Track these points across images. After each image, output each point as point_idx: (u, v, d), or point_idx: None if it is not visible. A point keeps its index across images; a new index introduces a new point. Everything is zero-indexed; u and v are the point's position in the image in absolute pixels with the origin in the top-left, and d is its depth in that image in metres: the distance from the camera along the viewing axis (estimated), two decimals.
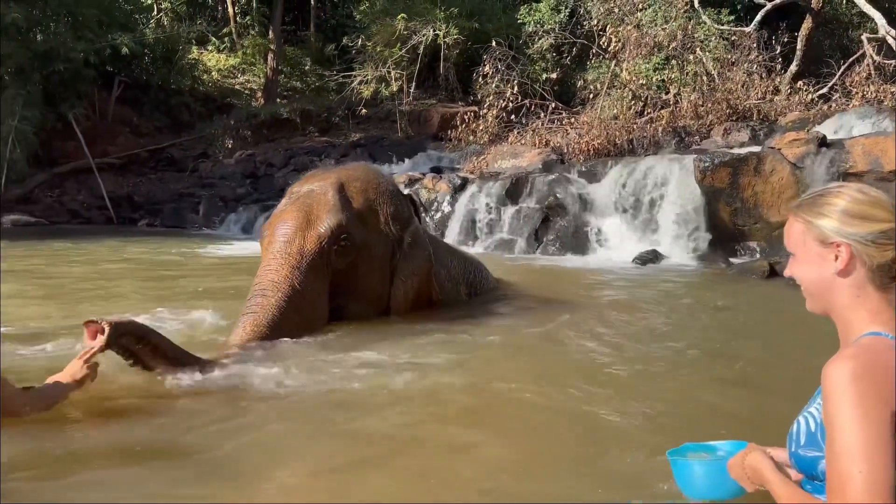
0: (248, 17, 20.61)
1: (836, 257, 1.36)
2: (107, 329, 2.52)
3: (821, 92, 11.79)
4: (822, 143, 8.14)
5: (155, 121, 17.09)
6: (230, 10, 20.26)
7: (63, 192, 14.43)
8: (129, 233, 11.76)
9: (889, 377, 1.21)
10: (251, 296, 3.76)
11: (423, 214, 4.74)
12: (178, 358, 2.91)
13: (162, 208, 13.78)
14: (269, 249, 3.92)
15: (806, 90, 11.63)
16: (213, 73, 19.34)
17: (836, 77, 11.96)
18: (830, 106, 11.11)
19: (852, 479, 1.16)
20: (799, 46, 12.85)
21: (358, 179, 4.31)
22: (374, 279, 4.25)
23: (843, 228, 1.35)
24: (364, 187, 4.29)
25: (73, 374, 2.49)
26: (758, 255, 7.97)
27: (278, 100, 18.67)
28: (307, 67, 20.08)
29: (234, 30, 20.18)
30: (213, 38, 20.14)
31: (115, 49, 14.87)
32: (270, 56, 18.79)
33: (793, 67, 12.67)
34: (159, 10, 19.74)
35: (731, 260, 7.91)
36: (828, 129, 9.32)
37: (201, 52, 19.57)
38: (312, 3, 20.68)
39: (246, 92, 19.48)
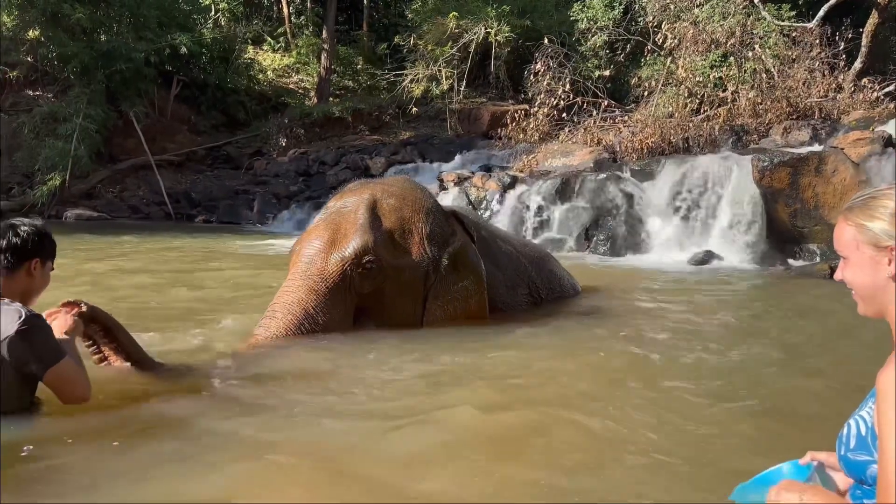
0: (302, 18, 20.94)
1: (890, 261, 1.31)
2: (83, 309, 2.63)
3: (887, 90, 11.35)
4: (888, 142, 7.86)
5: (212, 119, 17.51)
6: (285, 10, 20.61)
7: (124, 188, 14.90)
8: (186, 228, 12.08)
9: None
10: (263, 316, 3.66)
11: (474, 234, 4.38)
12: (138, 359, 2.87)
13: (218, 205, 14.11)
14: (293, 269, 3.79)
15: (871, 88, 11.21)
16: (268, 73, 19.70)
17: None
18: None
19: None
20: (864, 43, 12.39)
21: (393, 196, 4.05)
22: (405, 303, 3.96)
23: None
24: (399, 205, 4.01)
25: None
26: (818, 258, 7.73)
27: (331, 99, 18.91)
28: (359, 66, 20.30)
29: (288, 30, 20.53)
30: (269, 38, 20.53)
31: (175, 49, 15.32)
32: (324, 55, 19.05)
33: (857, 64, 12.22)
34: (217, 11, 20.19)
35: (790, 262, 7.69)
36: (894, 128, 8.97)
37: (257, 52, 19.96)
38: (365, 2, 20.89)
39: (300, 91, 19.78)
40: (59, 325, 2.56)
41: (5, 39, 15.19)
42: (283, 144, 16.74)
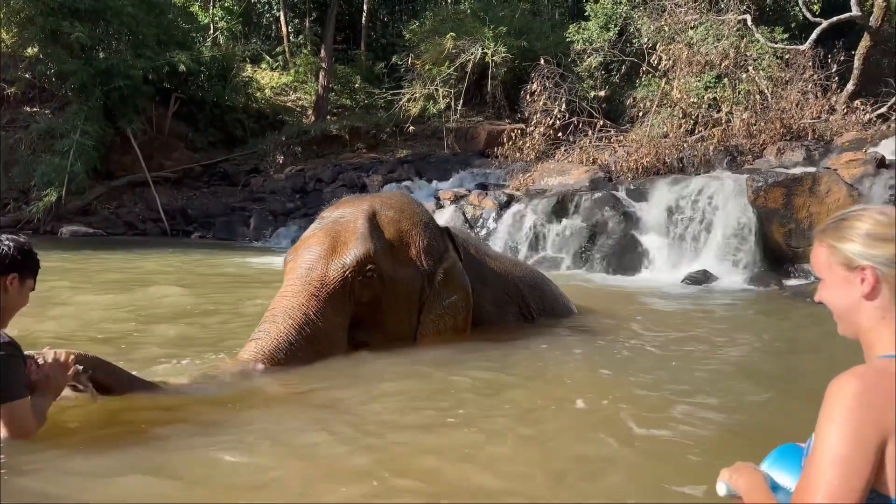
0: (300, 37, 21.11)
1: (862, 280, 1.34)
2: (73, 367, 2.47)
3: (879, 111, 11.47)
4: (881, 163, 7.92)
5: (209, 136, 17.57)
6: (284, 29, 20.77)
7: (120, 205, 14.91)
8: (181, 244, 12.05)
9: (889, 403, 1.19)
10: (262, 321, 3.60)
11: (461, 251, 4.36)
12: (132, 389, 2.78)
13: (214, 221, 14.12)
14: (290, 275, 3.72)
15: (863, 110, 11.33)
16: (266, 91, 19.82)
17: None
18: (889, 126, 10.79)
19: (819, 489, 1.17)
20: (856, 65, 12.52)
21: (392, 208, 4.07)
22: (400, 315, 3.97)
23: (867, 251, 1.34)
24: (397, 217, 4.03)
25: (57, 390, 2.44)
26: (812, 278, 7.75)
27: (328, 117, 19.02)
28: (357, 85, 20.43)
29: (287, 49, 20.67)
30: (267, 57, 20.67)
31: (173, 67, 15.41)
32: (322, 74, 19.19)
33: (849, 86, 12.35)
34: (215, 30, 20.33)
35: (784, 282, 7.72)
36: (886, 149, 9.05)
37: (255, 70, 20.08)
38: (363, 22, 21.07)
39: (297, 109, 19.89)
40: (55, 387, 2.42)
41: (4, 56, 15.28)
42: (280, 162, 16.80)
